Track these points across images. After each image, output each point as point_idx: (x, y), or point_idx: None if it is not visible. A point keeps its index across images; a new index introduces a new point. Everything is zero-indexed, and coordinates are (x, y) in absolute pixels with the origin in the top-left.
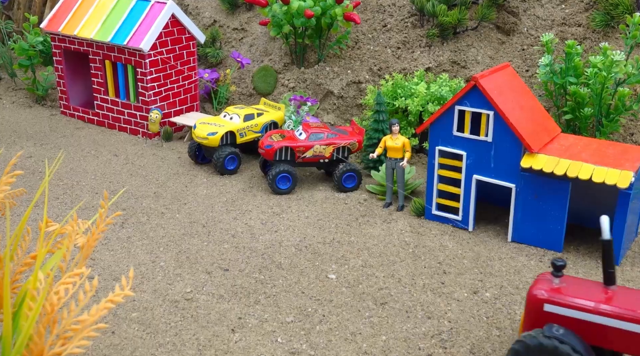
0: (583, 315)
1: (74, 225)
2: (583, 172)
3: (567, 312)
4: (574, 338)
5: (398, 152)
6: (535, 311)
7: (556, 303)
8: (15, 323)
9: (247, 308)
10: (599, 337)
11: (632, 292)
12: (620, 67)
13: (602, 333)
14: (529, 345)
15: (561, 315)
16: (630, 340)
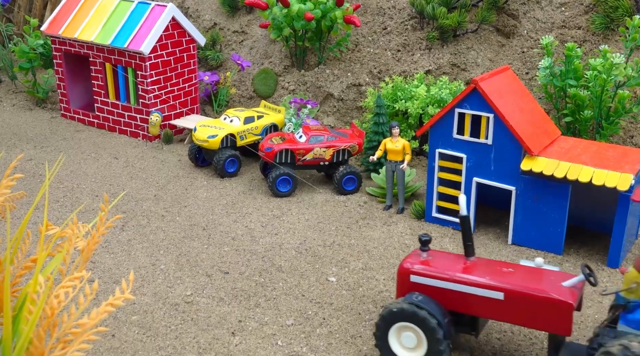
0: (442, 283)
1: (74, 228)
2: (583, 174)
3: (429, 281)
4: (432, 304)
5: (398, 154)
6: (403, 282)
7: (420, 274)
8: (15, 327)
9: (247, 311)
10: (458, 303)
11: (488, 263)
12: (620, 69)
13: (460, 299)
14: (393, 310)
15: (425, 284)
16: (484, 305)
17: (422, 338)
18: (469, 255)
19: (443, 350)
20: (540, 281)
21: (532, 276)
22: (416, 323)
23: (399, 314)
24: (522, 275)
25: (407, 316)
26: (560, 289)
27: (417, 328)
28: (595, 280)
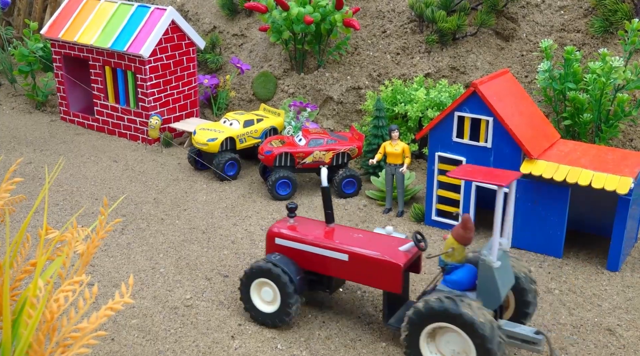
0: (298, 245)
1: (74, 232)
2: (582, 178)
3: (289, 243)
4: (287, 263)
5: (398, 157)
6: (269, 244)
7: (282, 237)
8: (15, 331)
9: (247, 315)
10: (311, 263)
11: (343, 229)
12: (619, 73)
13: (313, 260)
14: (253, 267)
15: (285, 246)
16: (333, 265)
17: (277, 292)
18: (328, 222)
19: (293, 303)
20: (379, 245)
21: (375, 241)
22: (271, 279)
23: (258, 271)
24: (367, 240)
25: (264, 273)
26: (394, 252)
27: (272, 284)
28: (425, 245)
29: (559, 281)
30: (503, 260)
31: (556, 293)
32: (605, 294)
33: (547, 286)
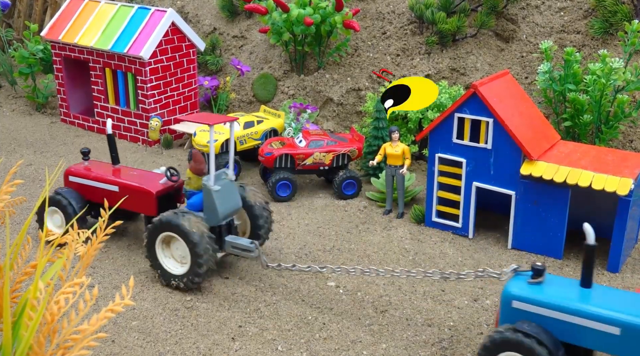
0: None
1: (74, 234)
2: (582, 179)
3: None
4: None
5: (398, 159)
6: (65, 181)
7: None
8: (15, 333)
9: (247, 316)
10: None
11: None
12: (619, 74)
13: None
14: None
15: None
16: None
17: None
18: (114, 164)
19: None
20: (144, 179)
21: (143, 177)
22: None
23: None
24: (137, 176)
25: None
26: (152, 184)
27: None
28: (177, 178)
29: None
30: (227, 187)
31: None
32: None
33: None
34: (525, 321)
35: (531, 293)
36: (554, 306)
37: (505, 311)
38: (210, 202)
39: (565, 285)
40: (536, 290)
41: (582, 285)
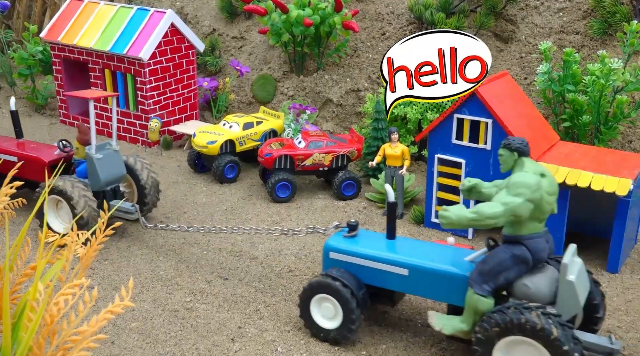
0: None
1: (74, 235)
2: (582, 179)
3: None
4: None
5: (397, 160)
6: None
7: None
8: (15, 334)
9: (247, 318)
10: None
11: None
12: (618, 74)
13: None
14: None
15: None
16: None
17: None
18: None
19: None
20: (39, 151)
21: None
22: None
23: None
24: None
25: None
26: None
27: None
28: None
29: None
30: (111, 156)
31: None
32: (605, 296)
33: None
34: (335, 267)
35: (343, 245)
36: (358, 255)
37: (325, 261)
38: (93, 169)
39: (373, 238)
40: (348, 242)
41: (387, 238)
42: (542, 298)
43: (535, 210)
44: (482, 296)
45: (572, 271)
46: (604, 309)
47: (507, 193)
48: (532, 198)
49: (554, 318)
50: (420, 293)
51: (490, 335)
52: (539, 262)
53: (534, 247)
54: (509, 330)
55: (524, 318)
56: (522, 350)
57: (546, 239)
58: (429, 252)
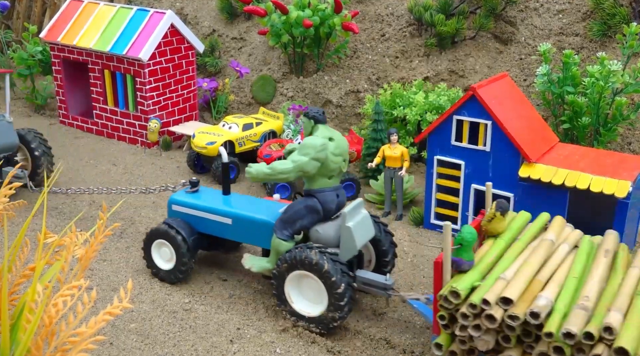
0: None
1: (73, 236)
2: (581, 181)
3: None
4: None
5: (396, 161)
6: None
7: None
8: (13, 336)
9: (245, 319)
10: None
11: None
12: (618, 76)
13: None
14: None
15: None
16: None
17: None
18: None
19: None
20: None
21: None
22: None
23: None
24: None
25: None
26: None
27: None
28: None
29: None
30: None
31: None
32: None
33: None
34: (173, 217)
35: (182, 199)
36: (193, 206)
37: (169, 212)
38: None
39: (209, 193)
40: (187, 196)
41: (223, 194)
42: (329, 241)
43: (322, 168)
44: (282, 240)
45: (351, 219)
46: (392, 254)
47: (297, 153)
48: (317, 157)
49: (328, 256)
50: (241, 239)
51: (282, 270)
52: (329, 212)
53: (323, 199)
54: (294, 265)
55: (304, 255)
56: (306, 282)
57: (337, 193)
58: (251, 205)
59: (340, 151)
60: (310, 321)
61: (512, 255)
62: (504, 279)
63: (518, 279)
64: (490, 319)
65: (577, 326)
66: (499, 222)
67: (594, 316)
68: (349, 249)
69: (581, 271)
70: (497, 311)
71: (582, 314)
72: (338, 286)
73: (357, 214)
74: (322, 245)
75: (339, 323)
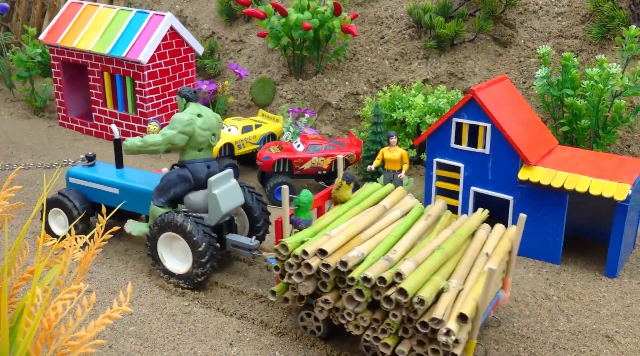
0: None
1: (72, 239)
2: (580, 184)
3: None
4: None
5: (396, 163)
6: None
7: None
8: (13, 339)
9: (245, 322)
10: None
11: None
12: (617, 79)
13: None
14: None
15: None
16: None
17: None
18: None
19: None
20: None
21: None
22: None
23: None
24: None
25: None
26: None
27: None
28: None
29: (557, 288)
30: None
31: (554, 300)
32: (604, 301)
33: (545, 292)
34: (69, 188)
35: (78, 171)
36: (86, 178)
37: (67, 184)
38: None
39: (103, 167)
40: (83, 170)
41: (116, 167)
42: (199, 207)
43: (191, 141)
44: (158, 206)
45: (216, 187)
46: (264, 221)
47: (167, 127)
48: (185, 131)
49: (192, 219)
50: (127, 207)
51: (154, 232)
52: (199, 181)
53: (193, 169)
54: (164, 228)
55: (171, 218)
56: (176, 242)
57: (207, 165)
58: (137, 177)
59: (208, 126)
60: (180, 278)
61: (346, 218)
62: (328, 235)
63: (340, 235)
64: (308, 267)
65: (373, 273)
66: (345, 190)
67: (395, 266)
68: (216, 214)
69: (402, 232)
70: (314, 261)
71: (384, 264)
72: (199, 244)
73: (224, 183)
74: (193, 210)
75: (202, 279)
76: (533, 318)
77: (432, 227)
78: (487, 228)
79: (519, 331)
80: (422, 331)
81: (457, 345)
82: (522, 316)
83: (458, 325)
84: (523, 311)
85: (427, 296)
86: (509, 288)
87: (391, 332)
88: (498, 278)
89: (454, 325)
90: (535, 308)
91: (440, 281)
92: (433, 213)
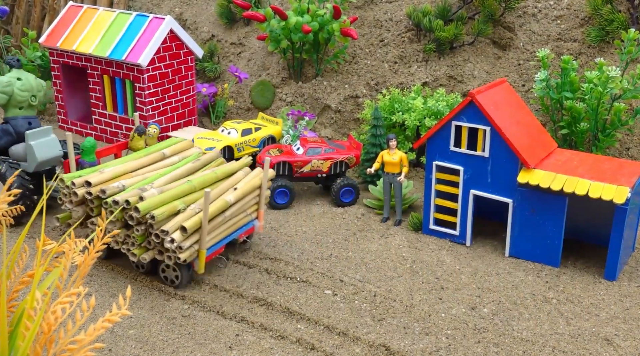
0: None
1: (72, 243)
2: (579, 187)
3: None
4: None
5: (395, 166)
6: None
7: None
8: (12, 343)
9: (244, 325)
10: None
11: None
12: (616, 82)
13: None
14: None
15: None
16: None
17: None
18: None
19: None
20: None
21: None
22: None
23: None
24: None
25: None
26: None
27: None
28: None
29: (556, 291)
30: None
31: (554, 303)
32: (603, 304)
33: (544, 295)
34: None
35: None
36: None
37: None
38: None
39: None
40: None
41: None
42: (20, 157)
43: (12, 100)
44: None
45: (33, 139)
46: None
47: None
48: (4, 91)
49: (9, 163)
50: None
51: None
52: (21, 135)
53: (14, 124)
54: None
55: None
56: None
57: (29, 121)
58: None
59: (27, 88)
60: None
61: (126, 160)
62: (101, 172)
63: (110, 171)
64: (75, 195)
65: (121, 197)
66: (138, 141)
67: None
68: (32, 162)
69: (168, 172)
70: (80, 190)
71: (135, 192)
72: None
73: (42, 136)
74: (16, 159)
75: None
76: (532, 321)
77: (198, 169)
78: (247, 171)
79: (519, 334)
80: (156, 241)
81: (181, 250)
82: (521, 319)
83: (181, 235)
84: (522, 314)
85: (158, 213)
86: (262, 218)
87: (138, 244)
88: (251, 209)
89: (178, 235)
90: (535, 311)
91: (178, 204)
92: (203, 158)
